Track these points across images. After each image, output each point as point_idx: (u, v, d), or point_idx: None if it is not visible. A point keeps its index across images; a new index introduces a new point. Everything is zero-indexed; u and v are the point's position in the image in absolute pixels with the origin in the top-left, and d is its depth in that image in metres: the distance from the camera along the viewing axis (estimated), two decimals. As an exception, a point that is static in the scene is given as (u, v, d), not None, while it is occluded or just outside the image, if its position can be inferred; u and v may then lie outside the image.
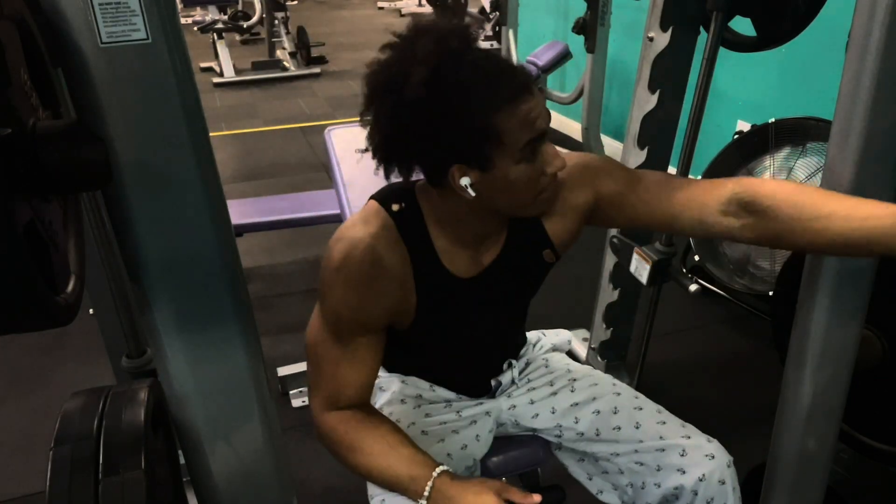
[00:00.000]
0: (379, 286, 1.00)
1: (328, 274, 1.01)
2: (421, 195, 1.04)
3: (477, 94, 0.87)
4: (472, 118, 0.88)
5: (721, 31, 1.64)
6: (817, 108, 2.37)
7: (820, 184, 1.06)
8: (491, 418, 1.24)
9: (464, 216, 1.01)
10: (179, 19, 0.76)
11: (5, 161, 0.59)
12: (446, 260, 1.05)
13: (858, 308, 1.11)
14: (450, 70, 0.87)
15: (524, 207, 1.00)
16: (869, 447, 1.47)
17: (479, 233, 1.06)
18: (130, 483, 0.75)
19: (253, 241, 3.13)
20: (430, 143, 0.91)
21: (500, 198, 0.96)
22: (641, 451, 1.15)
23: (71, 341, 2.49)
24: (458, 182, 0.93)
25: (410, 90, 0.86)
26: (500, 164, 0.91)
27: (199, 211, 0.81)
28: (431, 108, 0.87)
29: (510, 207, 1.00)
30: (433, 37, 0.89)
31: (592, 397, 1.22)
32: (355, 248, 0.99)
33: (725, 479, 1.11)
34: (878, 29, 0.91)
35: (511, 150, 0.90)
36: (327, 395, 1.06)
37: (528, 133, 0.90)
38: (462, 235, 1.05)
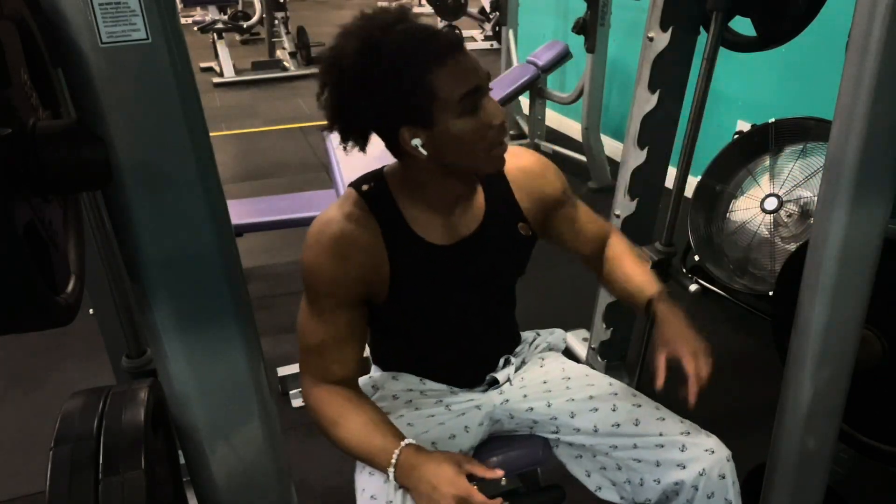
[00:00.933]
0: (352, 259, 1.07)
1: (304, 253, 1.10)
2: (389, 174, 1.13)
3: (406, 55, 0.96)
4: (405, 78, 0.96)
5: (721, 31, 1.64)
6: (817, 108, 2.36)
7: (820, 184, 1.06)
8: (482, 412, 1.24)
9: (428, 182, 1.08)
10: (179, 19, 0.75)
11: (5, 161, 0.59)
12: (418, 227, 1.11)
13: (858, 308, 1.11)
14: (380, 39, 0.96)
15: (478, 161, 1.05)
16: (869, 447, 1.47)
17: (447, 198, 1.12)
18: (130, 483, 0.75)
19: (253, 241, 3.13)
20: (373, 108, 0.99)
21: (451, 154, 1.03)
22: (640, 447, 1.15)
23: (71, 341, 2.48)
24: (410, 143, 1.01)
25: (346, 59, 0.97)
26: (441, 120, 0.99)
27: (199, 211, 0.81)
28: (366, 74, 0.96)
29: (464, 163, 1.05)
30: (366, 17, 1.01)
31: (589, 395, 1.22)
32: (327, 225, 1.08)
33: (725, 473, 1.11)
34: (878, 29, 0.91)
35: (449, 105, 0.98)
36: (315, 371, 1.14)
37: (461, 86, 0.97)
38: (431, 202, 1.11)
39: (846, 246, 1.04)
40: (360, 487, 1.14)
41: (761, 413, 1.50)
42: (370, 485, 1.12)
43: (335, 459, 1.95)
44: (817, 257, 1.08)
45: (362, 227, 1.08)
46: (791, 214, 2.28)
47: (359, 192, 1.11)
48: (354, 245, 1.07)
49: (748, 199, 2.39)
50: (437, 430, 1.20)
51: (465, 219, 1.14)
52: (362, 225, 1.08)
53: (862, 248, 1.06)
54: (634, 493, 1.18)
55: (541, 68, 3.92)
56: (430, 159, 1.02)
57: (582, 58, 3.75)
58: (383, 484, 1.09)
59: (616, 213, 1.96)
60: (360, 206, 1.09)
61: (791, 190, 2.28)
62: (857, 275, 1.07)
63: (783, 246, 2.28)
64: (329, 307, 1.10)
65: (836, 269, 1.06)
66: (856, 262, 1.06)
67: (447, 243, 1.13)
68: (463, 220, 1.14)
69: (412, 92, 0.97)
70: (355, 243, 1.07)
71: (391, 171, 1.13)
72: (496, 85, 3.96)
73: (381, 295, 1.11)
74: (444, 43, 0.98)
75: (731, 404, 2.15)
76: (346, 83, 0.98)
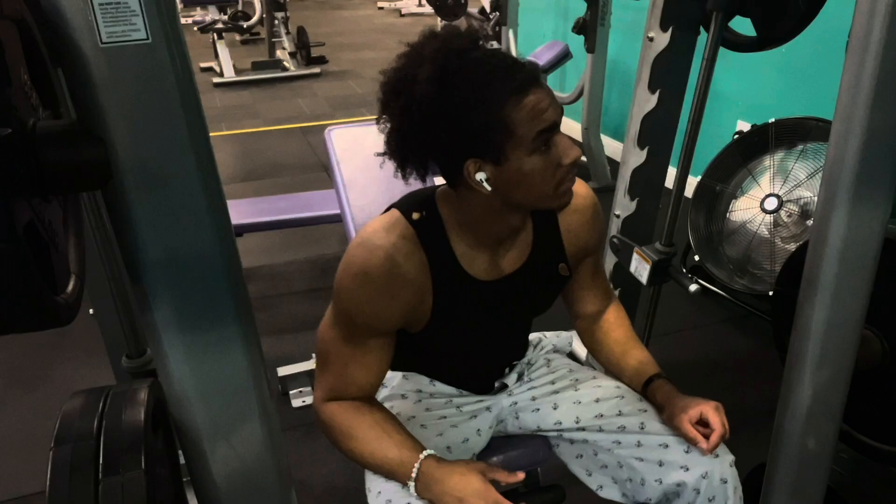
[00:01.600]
0: (395, 293, 1.02)
1: (345, 277, 1.03)
2: (441, 201, 1.06)
3: (484, 87, 0.91)
4: (481, 111, 0.91)
5: (721, 31, 1.64)
6: (817, 108, 2.37)
7: (820, 184, 1.06)
8: (492, 414, 1.25)
9: (484, 216, 1.03)
10: (179, 19, 0.75)
11: (5, 161, 0.59)
12: (465, 263, 1.07)
13: (858, 308, 1.11)
14: (456, 66, 0.91)
15: (544, 199, 1.00)
16: (869, 447, 1.47)
17: (499, 235, 1.08)
18: (130, 483, 0.75)
19: (253, 241, 3.13)
20: (442, 139, 0.94)
21: (517, 191, 0.98)
22: (644, 446, 1.15)
23: (71, 341, 2.48)
24: (474, 177, 0.96)
25: (419, 88, 0.91)
26: (513, 157, 0.94)
27: (199, 211, 0.81)
28: (440, 103, 0.91)
29: (529, 201, 1.01)
30: (440, 39, 0.94)
31: (596, 398, 1.22)
32: (374, 255, 1.01)
33: (727, 477, 1.11)
34: (878, 29, 0.91)
35: (523, 142, 0.93)
36: (332, 388, 1.10)
37: (538, 124, 0.93)
38: (481, 238, 1.07)
39: (846, 246, 1.04)
40: (374, 490, 1.11)
41: (761, 413, 1.50)
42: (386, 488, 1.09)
43: (335, 459, 1.95)
44: (817, 257, 1.08)
45: (411, 261, 1.02)
46: (791, 214, 2.28)
47: (409, 220, 1.04)
48: (402, 282, 1.02)
49: (748, 199, 2.39)
50: (451, 434, 1.20)
51: (511, 255, 1.11)
52: (411, 259, 1.02)
53: (862, 248, 1.05)
54: (635, 493, 1.18)
55: (541, 68, 3.92)
56: (494, 194, 0.98)
57: (582, 58, 3.75)
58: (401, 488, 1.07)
59: (616, 213, 1.96)
60: (410, 236, 1.03)
61: (791, 190, 2.28)
62: (857, 275, 1.07)
63: (783, 246, 2.28)
64: (360, 333, 1.06)
65: (836, 269, 1.06)
66: (856, 262, 1.06)
67: (490, 279, 1.10)
68: (508, 256, 1.11)
69: (486, 126, 0.92)
70: (402, 280, 1.02)
71: (444, 197, 1.06)
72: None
73: (419, 325, 1.09)
74: (524, 76, 0.93)
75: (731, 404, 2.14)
76: (416, 111, 0.92)
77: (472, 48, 0.94)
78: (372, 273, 1.01)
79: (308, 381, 2.23)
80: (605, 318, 1.31)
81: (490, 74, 0.91)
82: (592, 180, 3.89)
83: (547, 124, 0.94)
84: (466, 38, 0.95)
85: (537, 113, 0.93)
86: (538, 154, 0.95)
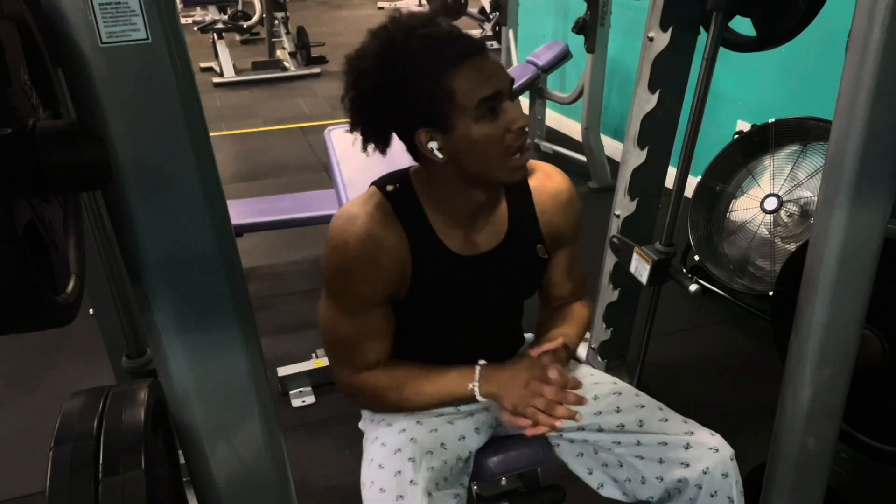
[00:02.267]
0: (375, 260, 1.06)
1: (327, 250, 1.08)
2: (414, 176, 1.12)
3: (425, 57, 0.97)
4: (424, 81, 0.96)
5: (721, 31, 1.64)
6: (817, 108, 2.36)
7: (820, 184, 1.06)
8: (490, 413, 1.24)
9: (450, 190, 1.08)
10: (179, 19, 0.75)
11: (5, 161, 0.59)
12: (442, 236, 1.11)
13: (858, 308, 1.11)
14: (401, 41, 0.97)
15: (495, 169, 1.03)
16: (869, 447, 1.47)
17: (470, 210, 1.11)
18: (130, 483, 0.75)
19: (253, 241, 3.13)
20: (391, 109, 1.00)
21: (467, 160, 1.02)
22: (644, 445, 1.15)
23: (71, 341, 2.48)
24: (427, 146, 1.01)
25: (366, 60, 0.98)
26: (459, 125, 0.98)
27: (199, 211, 0.81)
28: (385, 75, 0.97)
29: (481, 170, 1.03)
30: (393, 19, 1.01)
31: (594, 396, 1.22)
32: (351, 223, 1.06)
33: (729, 471, 1.12)
34: (878, 29, 0.91)
35: (466, 110, 0.97)
36: (354, 364, 1.14)
37: (479, 92, 0.97)
38: (454, 213, 1.11)
39: (846, 246, 1.04)
40: (367, 480, 1.13)
41: (761, 413, 1.50)
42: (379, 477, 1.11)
43: (335, 459, 1.95)
44: (817, 257, 1.08)
45: (387, 229, 1.07)
46: (791, 214, 2.29)
47: (383, 193, 1.09)
48: (380, 247, 1.06)
49: (748, 199, 2.39)
50: (447, 430, 1.20)
51: (487, 233, 1.14)
52: (387, 227, 1.07)
53: (862, 248, 1.06)
54: (636, 491, 1.18)
55: (541, 68, 3.92)
56: (448, 164, 1.02)
57: (582, 58, 3.75)
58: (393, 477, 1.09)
59: (616, 213, 1.96)
60: (385, 207, 1.08)
61: (791, 190, 2.29)
62: (857, 275, 1.07)
63: (783, 246, 2.28)
64: (356, 305, 1.10)
65: (836, 269, 1.06)
66: (856, 262, 1.06)
67: (468, 254, 1.13)
68: (485, 233, 1.14)
69: (430, 95, 0.97)
70: (381, 245, 1.06)
71: (416, 172, 1.12)
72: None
73: (402, 292, 1.12)
74: (465, 46, 0.97)
75: (731, 404, 2.15)
76: (366, 83, 0.99)
77: (421, 26, 0.98)
78: (350, 241, 1.05)
79: (308, 381, 2.23)
80: (562, 309, 1.30)
81: (432, 46, 0.97)
82: (592, 180, 3.89)
83: (489, 92, 0.97)
84: (420, 17, 1.00)
85: (478, 81, 0.96)
86: (484, 121, 0.98)
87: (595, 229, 1.23)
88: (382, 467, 1.12)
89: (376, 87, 0.98)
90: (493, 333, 1.28)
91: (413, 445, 1.13)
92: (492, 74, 0.98)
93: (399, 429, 1.18)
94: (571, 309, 1.30)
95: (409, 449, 1.12)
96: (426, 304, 1.14)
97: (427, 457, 1.12)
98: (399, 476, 1.08)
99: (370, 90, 0.99)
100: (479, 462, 1.23)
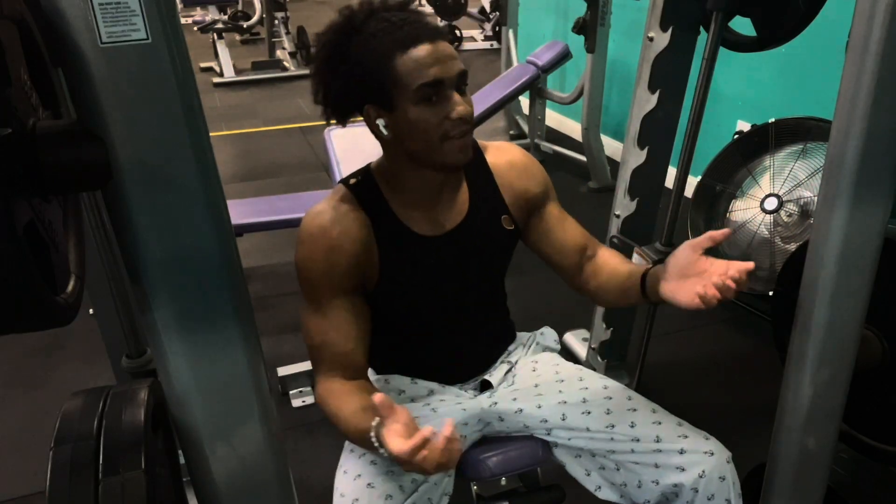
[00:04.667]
0: (343, 248, 1.10)
1: (298, 248, 1.13)
2: (375, 168, 1.17)
3: (377, 38, 1.02)
4: (372, 59, 1.02)
5: (721, 31, 1.64)
6: (817, 108, 2.37)
7: (820, 184, 1.06)
8: (467, 413, 1.23)
9: (402, 171, 1.12)
10: (179, 19, 0.75)
11: (5, 161, 0.59)
12: (404, 218, 1.15)
13: (858, 308, 1.11)
14: (360, 21, 1.03)
15: (433, 152, 1.06)
16: (869, 447, 1.47)
17: (427, 189, 1.14)
18: (130, 483, 0.75)
19: (253, 241, 3.13)
20: (342, 81, 1.05)
21: (408, 140, 1.06)
22: (638, 452, 1.15)
23: (71, 341, 2.49)
24: (375, 122, 1.07)
25: (327, 35, 1.05)
26: (400, 105, 1.03)
27: (199, 211, 0.81)
28: (341, 48, 1.04)
29: (421, 151, 1.07)
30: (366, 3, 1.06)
31: (583, 398, 1.22)
32: (316, 218, 1.11)
33: (725, 474, 1.11)
34: (878, 29, 0.91)
35: (406, 92, 1.02)
36: (325, 366, 1.14)
37: (420, 77, 1.00)
38: (414, 195, 1.14)
39: (846, 246, 1.04)
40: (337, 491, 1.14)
41: (761, 413, 1.50)
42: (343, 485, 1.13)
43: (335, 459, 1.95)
44: (817, 257, 1.08)
45: (351, 218, 1.11)
46: (791, 214, 2.29)
47: (346, 186, 1.14)
48: (345, 235, 1.10)
49: (748, 199, 2.39)
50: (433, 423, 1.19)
51: (450, 212, 1.18)
52: (351, 216, 1.11)
53: (862, 248, 1.05)
54: (633, 494, 1.18)
55: (541, 68, 3.92)
56: (396, 144, 1.07)
57: (582, 58, 3.75)
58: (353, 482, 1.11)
59: (616, 213, 1.96)
60: (348, 198, 1.13)
61: (791, 190, 2.29)
62: (857, 275, 1.07)
63: (783, 246, 2.28)
64: (326, 298, 1.11)
65: (836, 269, 1.06)
66: (856, 262, 1.06)
67: (433, 234, 1.16)
68: (447, 213, 1.17)
69: (377, 73, 1.02)
70: (346, 233, 1.10)
71: (377, 164, 1.17)
72: (496, 85, 3.96)
73: (373, 281, 1.14)
74: (417, 31, 1.01)
75: (731, 404, 2.15)
76: (323, 55, 1.06)
77: (384, 10, 1.04)
78: (315, 233, 1.10)
79: (308, 381, 2.23)
80: (598, 257, 1.25)
81: (386, 27, 1.02)
82: (592, 180, 3.89)
83: (429, 79, 1.00)
84: (393, 3, 1.06)
85: (422, 66, 1.00)
86: (423, 105, 1.02)
87: (595, 229, 1.22)
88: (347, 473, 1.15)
89: (331, 59, 1.05)
90: (473, 323, 1.27)
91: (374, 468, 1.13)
92: (437, 62, 1.01)
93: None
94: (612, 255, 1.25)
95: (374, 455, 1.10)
96: (396, 291, 1.16)
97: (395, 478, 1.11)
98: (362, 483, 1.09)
99: (326, 63, 1.05)
100: (479, 462, 1.23)
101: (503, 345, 1.34)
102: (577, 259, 1.25)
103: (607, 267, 1.23)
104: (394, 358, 1.28)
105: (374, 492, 1.08)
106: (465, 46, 7.70)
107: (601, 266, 1.24)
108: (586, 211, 4.00)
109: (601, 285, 1.23)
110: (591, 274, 1.25)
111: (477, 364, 1.29)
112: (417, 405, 1.24)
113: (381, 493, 1.08)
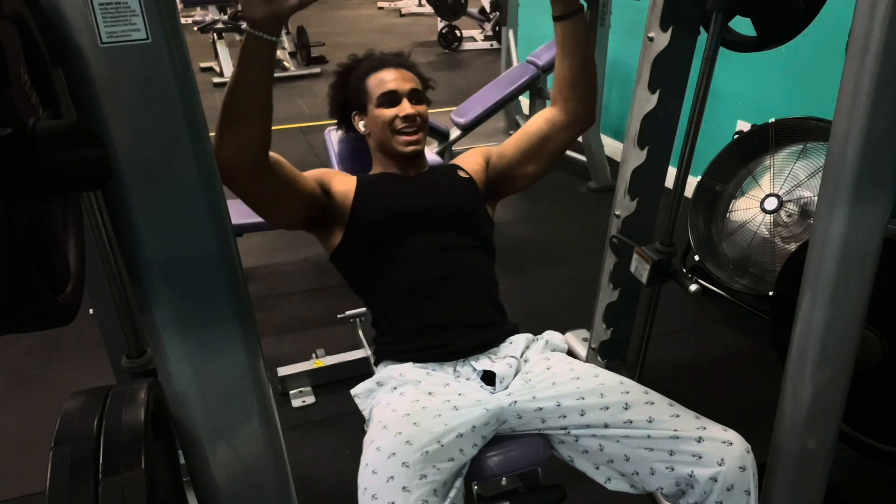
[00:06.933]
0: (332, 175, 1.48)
1: None
2: None
3: (358, 67, 1.55)
4: (356, 80, 1.54)
5: (721, 31, 1.64)
6: (817, 108, 2.37)
7: (820, 184, 1.06)
8: (489, 413, 1.23)
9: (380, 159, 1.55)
10: (179, 19, 0.76)
11: (5, 161, 0.59)
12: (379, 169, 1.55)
13: (858, 308, 1.11)
14: (355, 61, 1.58)
15: (390, 140, 1.49)
16: (869, 447, 1.47)
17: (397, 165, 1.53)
18: (130, 483, 0.75)
19: (253, 241, 3.13)
20: (340, 99, 1.59)
21: (374, 132, 1.51)
22: (654, 437, 1.15)
23: (71, 341, 2.48)
24: (359, 124, 1.55)
25: (338, 70, 1.61)
26: (370, 109, 1.51)
27: (199, 211, 0.81)
28: (340, 77, 1.59)
29: (382, 140, 1.50)
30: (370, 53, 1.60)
31: (600, 394, 1.22)
32: None
33: (746, 465, 1.11)
34: (878, 29, 0.91)
35: (373, 99, 1.49)
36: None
37: (381, 88, 1.48)
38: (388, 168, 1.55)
39: (846, 246, 1.04)
40: (361, 486, 1.13)
41: (761, 413, 1.50)
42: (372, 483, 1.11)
43: (335, 459, 1.95)
44: (817, 257, 1.08)
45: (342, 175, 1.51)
46: (791, 214, 2.29)
47: None
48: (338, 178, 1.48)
49: (748, 199, 2.39)
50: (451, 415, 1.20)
51: (415, 170, 1.54)
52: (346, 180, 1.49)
53: (862, 248, 1.06)
54: (645, 482, 1.18)
55: (541, 68, 3.91)
56: (370, 136, 1.54)
57: (582, 58, 3.75)
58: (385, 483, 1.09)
59: (616, 213, 1.96)
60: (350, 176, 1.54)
61: (791, 190, 2.29)
62: (857, 275, 1.07)
63: (783, 246, 2.28)
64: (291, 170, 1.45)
65: (836, 269, 1.06)
66: (856, 262, 1.06)
67: (402, 174, 1.52)
68: (413, 171, 1.54)
69: (358, 90, 1.53)
70: (339, 177, 1.49)
71: None
72: (496, 85, 3.96)
73: (346, 206, 1.42)
74: (386, 60, 1.54)
75: (731, 404, 2.15)
76: (334, 83, 1.61)
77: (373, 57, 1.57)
78: None
79: (308, 381, 2.23)
80: (552, 102, 1.51)
81: (364, 62, 1.55)
82: (592, 180, 3.89)
83: (386, 90, 1.47)
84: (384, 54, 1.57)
85: (382, 83, 1.49)
86: (382, 108, 1.48)
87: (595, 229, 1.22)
88: (375, 472, 1.11)
89: (336, 86, 1.59)
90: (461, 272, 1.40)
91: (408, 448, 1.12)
92: (394, 80, 1.48)
93: (395, 431, 1.17)
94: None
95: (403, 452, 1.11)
96: (369, 205, 1.42)
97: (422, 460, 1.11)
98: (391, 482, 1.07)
99: (334, 88, 1.60)
100: (479, 462, 1.23)
101: (497, 324, 1.40)
102: (541, 122, 1.51)
103: (555, 88, 1.47)
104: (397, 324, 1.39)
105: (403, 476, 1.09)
106: (465, 46, 7.69)
107: (555, 94, 1.48)
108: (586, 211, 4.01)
109: (562, 87, 1.45)
110: (556, 101, 1.48)
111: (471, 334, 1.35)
112: (438, 401, 1.24)
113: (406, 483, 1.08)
